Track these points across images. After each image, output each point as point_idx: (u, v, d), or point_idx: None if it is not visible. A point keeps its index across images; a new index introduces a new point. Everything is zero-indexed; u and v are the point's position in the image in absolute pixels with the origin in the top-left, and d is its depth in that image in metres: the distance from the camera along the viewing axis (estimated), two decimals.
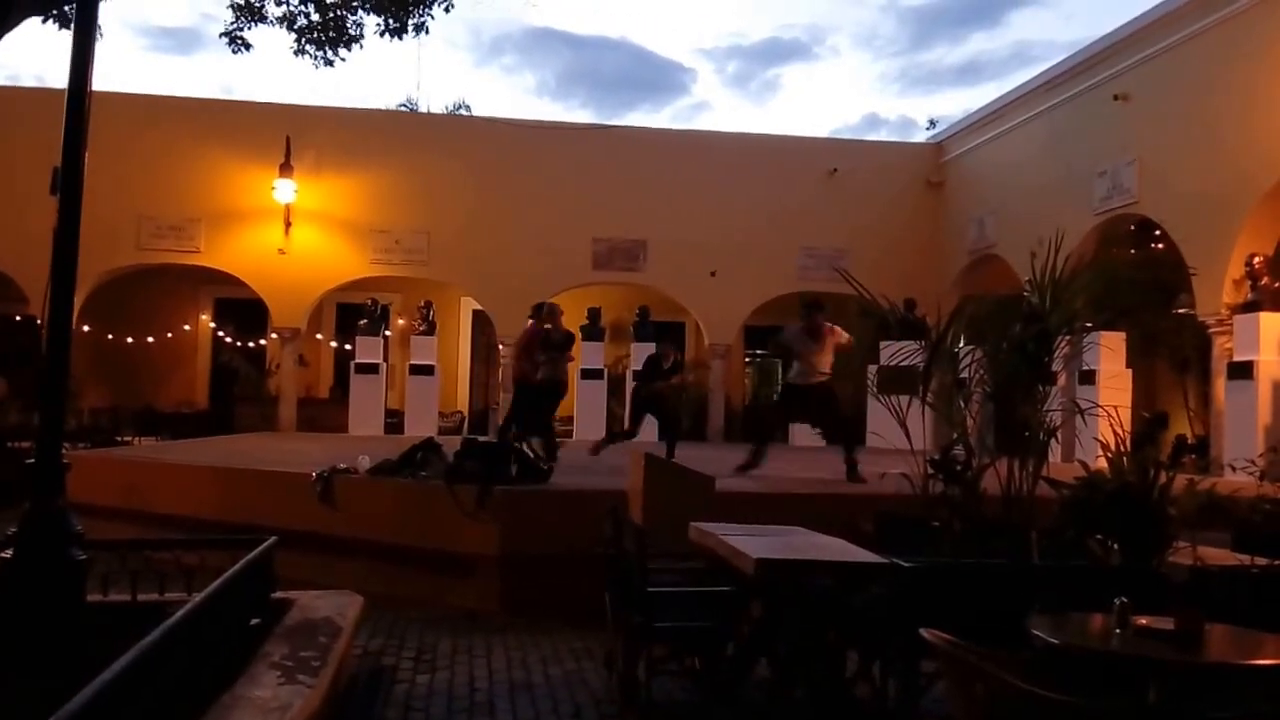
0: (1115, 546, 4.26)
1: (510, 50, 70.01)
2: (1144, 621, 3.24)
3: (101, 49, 4.47)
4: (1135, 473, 4.28)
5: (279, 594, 5.34)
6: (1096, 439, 4.97)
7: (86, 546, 4.35)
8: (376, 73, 57.05)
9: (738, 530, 5.05)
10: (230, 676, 3.88)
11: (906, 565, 4.17)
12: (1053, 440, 5.19)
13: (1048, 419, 4.87)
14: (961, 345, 5.96)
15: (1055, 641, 3.15)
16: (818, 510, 7.05)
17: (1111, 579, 4.10)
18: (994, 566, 4.33)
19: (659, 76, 72.45)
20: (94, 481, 10.88)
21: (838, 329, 11.03)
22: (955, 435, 5.04)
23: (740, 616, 4.87)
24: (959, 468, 4.82)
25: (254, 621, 4.74)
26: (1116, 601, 3.24)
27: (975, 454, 4.94)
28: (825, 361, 10.87)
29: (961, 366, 5.54)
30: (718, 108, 71.08)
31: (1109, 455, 4.51)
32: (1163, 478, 4.23)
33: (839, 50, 72.79)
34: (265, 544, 4.92)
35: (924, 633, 3.24)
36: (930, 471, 4.86)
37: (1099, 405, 5.61)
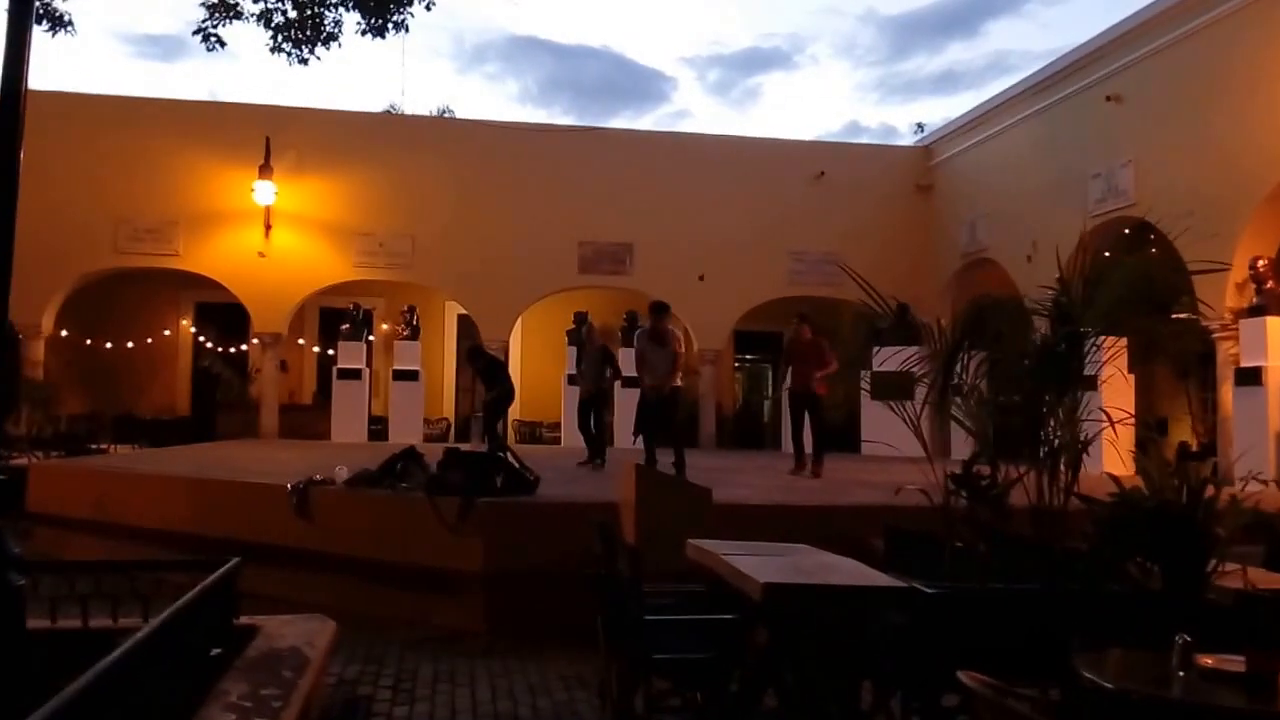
0: (1156, 569, 3.90)
1: (493, 58, 69.94)
2: (1210, 662, 2.86)
3: (86, 55, 4.13)
4: (1175, 489, 3.92)
5: (244, 620, 4.93)
6: (1116, 446, 4.61)
7: (26, 569, 3.96)
8: (359, 79, 56.85)
9: (740, 549, 4.66)
10: (185, 717, 3.50)
11: (929, 591, 3.80)
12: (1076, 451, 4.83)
13: (1081, 429, 4.50)
14: (967, 349, 5.59)
15: (1110, 686, 2.78)
16: (822, 524, 6.72)
17: (1157, 606, 3.74)
18: (1026, 593, 3.96)
19: (640, 84, 72.52)
20: (63, 493, 10.51)
21: (678, 335, 11.06)
22: (978, 448, 4.66)
23: (745, 645, 4.48)
24: (984, 483, 4.44)
25: (214, 652, 4.34)
26: (1178, 640, 2.86)
27: (1001, 468, 4.57)
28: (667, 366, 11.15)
29: (977, 373, 5.17)
30: (699, 115, 71.26)
31: (1145, 470, 4.15)
32: (1209, 493, 3.87)
33: (819, 59, 73.04)
34: (226, 566, 4.49)
35: (961, 676, 2.88)
36: (952, 487, 4.48)
37: (1106, 414, 5.22)
